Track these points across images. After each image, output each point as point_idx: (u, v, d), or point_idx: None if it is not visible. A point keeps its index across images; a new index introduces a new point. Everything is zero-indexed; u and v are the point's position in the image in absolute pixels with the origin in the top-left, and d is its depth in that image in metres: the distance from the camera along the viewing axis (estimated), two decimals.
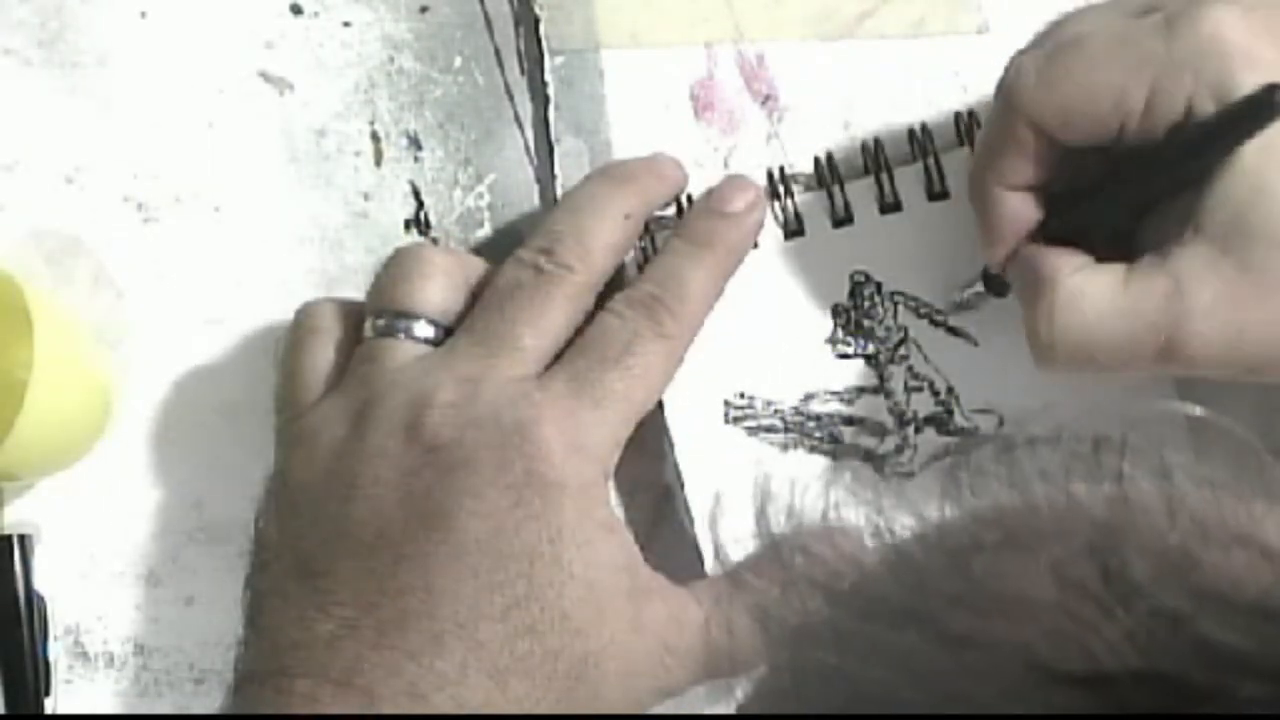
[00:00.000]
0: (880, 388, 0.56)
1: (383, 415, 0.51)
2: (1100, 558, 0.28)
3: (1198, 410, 0.42)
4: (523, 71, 0.59)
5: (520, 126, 0.59)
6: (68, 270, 0.57)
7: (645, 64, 0.59)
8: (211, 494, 0.57)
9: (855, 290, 0.57)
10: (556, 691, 0.50)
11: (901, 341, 0.57)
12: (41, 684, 0.55)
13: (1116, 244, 0.52)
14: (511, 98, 0.59)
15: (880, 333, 0.57)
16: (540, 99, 0.59)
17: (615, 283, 0.55)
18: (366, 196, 0.58)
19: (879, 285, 0.57)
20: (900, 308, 0.57)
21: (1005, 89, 0.52)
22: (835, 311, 0.57)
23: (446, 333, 0.54)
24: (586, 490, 0.51)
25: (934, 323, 0.57)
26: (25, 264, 0.56)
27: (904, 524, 0.31)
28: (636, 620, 0.51)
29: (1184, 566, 0.27)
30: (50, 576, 0.56)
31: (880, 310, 0.57)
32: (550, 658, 0.50)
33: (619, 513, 0.55)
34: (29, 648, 0.55)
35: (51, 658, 0.55)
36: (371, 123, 0.58)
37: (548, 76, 0.59)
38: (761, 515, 0.33)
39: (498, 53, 0.59)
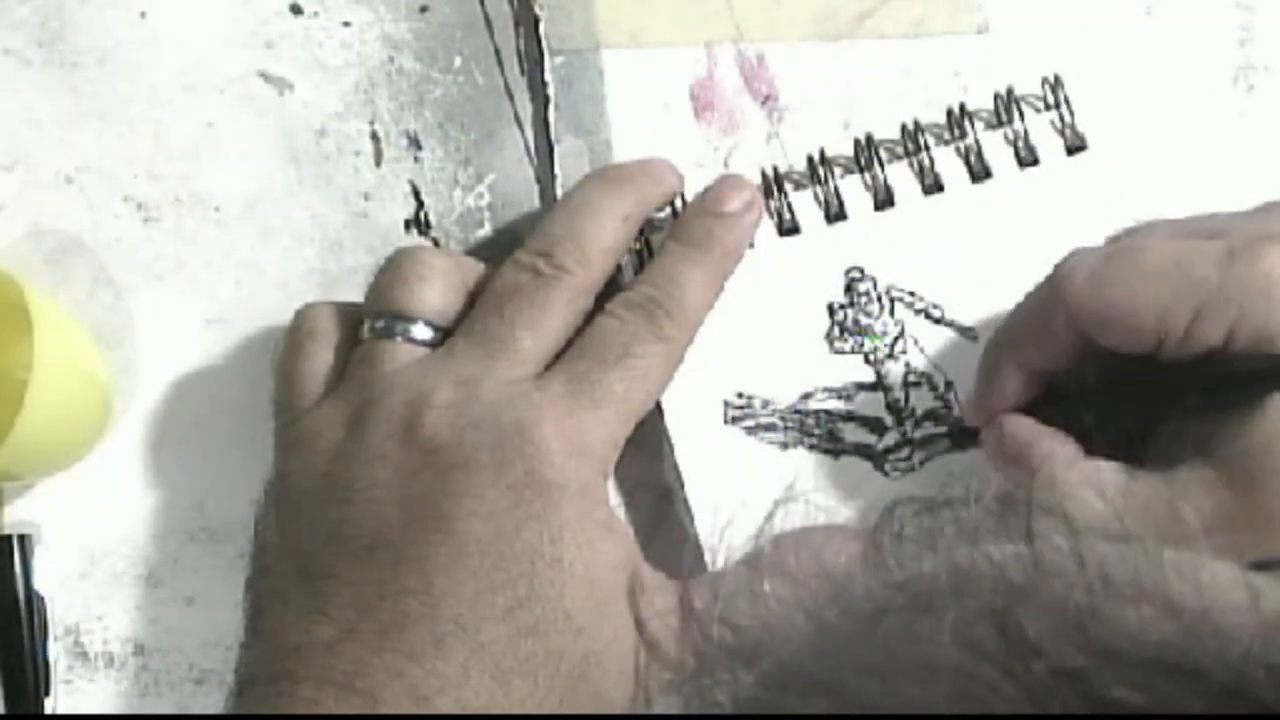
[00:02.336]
0: (878, 384, 0.57)
1: (381, 417, 0.51)
2: (998, 619, 0.28)
3: (1116, 465, 0.43)
4: (523, 71, 0.59)
5: (520, 126, 0.59)
6: (68, 270, 0.57)
7: (645, 64, 0.59)
8: (212, 494, 0.57)
9: (851, 287, 0.57)
10: (559, 692, 0.50)
11: (898, 337, 0.57)
12: (41, 684, 0.55)
13: (1106, 440, 0.52)
14: (511, 98, 0.59)
15: (877, 329, 0.57)
16: (540, 99, 0.59)
17: (611, 285, 0.55)
18: (366, 196, 0.58)
19: (875, 281, 0.57)
20: (897, 304, 0.57)
21: (1056, 280, 0.52)
22: (831, 309, 0.57)
23: (445, 335, 0.54)
24: (586, 490, 0.51)
25: (930, 317, 0.57)
26: (25, 264, 0.56)
27: (826, 592, 0.32)
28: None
29: (1085, 624, 0.28)
30: (50, 576, 0.56)
31: (876, 306, 0.57)
32: (553, 658, 0.50)
33: (619, 513, 0.55)
34: (29, 648, 0.55)
35: (51, 658, 0.55)
36: (371, 123, 0.58)
37: (548, 76, 0.59)
38: (686, 591, 0.33)
39: (498, 53, 0.59)
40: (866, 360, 0.57)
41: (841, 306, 0.57)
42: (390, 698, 0.48)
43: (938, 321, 0.57)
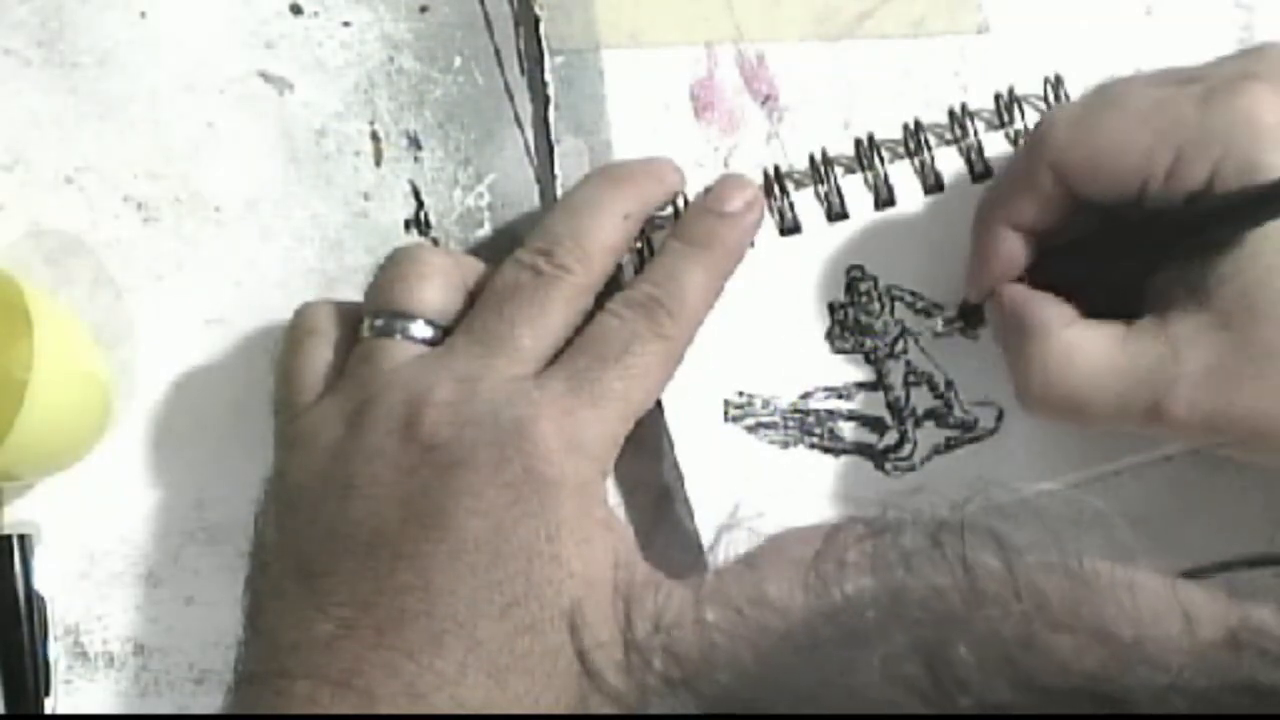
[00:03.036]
0: (879, 383, 0.56)
1: (380, 415, 0.51)
2: (927, 653, 0.28)
3: (1056, 485, 0.42)
4: (523, 71, 0.59)
5: (520, 126, 0.59)
6: (68, 270, 0.57)
7: (645, 64, 0.59)
8: (211, 494, 0.57)
9: (851, 286, 0.57)
10: (556, 689, 0.50)
11: (899, 336, 0.57)
12: (41, 684, 0.55)
13: (1107, 301, 0.52)
14: (511, 98, 0.59)
15: (878, 328, 0.57)
16: (540, 99, 0.59)
17: (613, 283, 0.55)
18: (366, 196, 0.58)
19: (875, 280, 0.57)
20: (897, 303, 0.57)
21: (1036, 132, 0.53)
22: (832, 308, 0.57)
23: (445, 333, 0.54)
24: (585, 488, 0.51)
25: (930, 317, 0.57)
26: (25, 264, 0.56)
27: (766, 620, 0.32)
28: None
29: (1014, 656, 0.28)
30: (50, 576, 0.56)
31: (877, 306, 0.57)
32: (550, 656, 0.49)
33: (618, 512, 0.55)
34: (29, 648, 0.55)
35: (51, 658, 0.55)
36: (371, 123, 0.58)
37: (548, 76, 0.59)
38: (628, 624, 0.33)
39: (498, 53, 0.59)
40: (867, 359, 0.57)
41: (842, 305, 0.57)
42: (387, 695, 0.48)
43: (938, 319, 0.57)
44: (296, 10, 0.59)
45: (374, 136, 0.58)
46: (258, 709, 0.50)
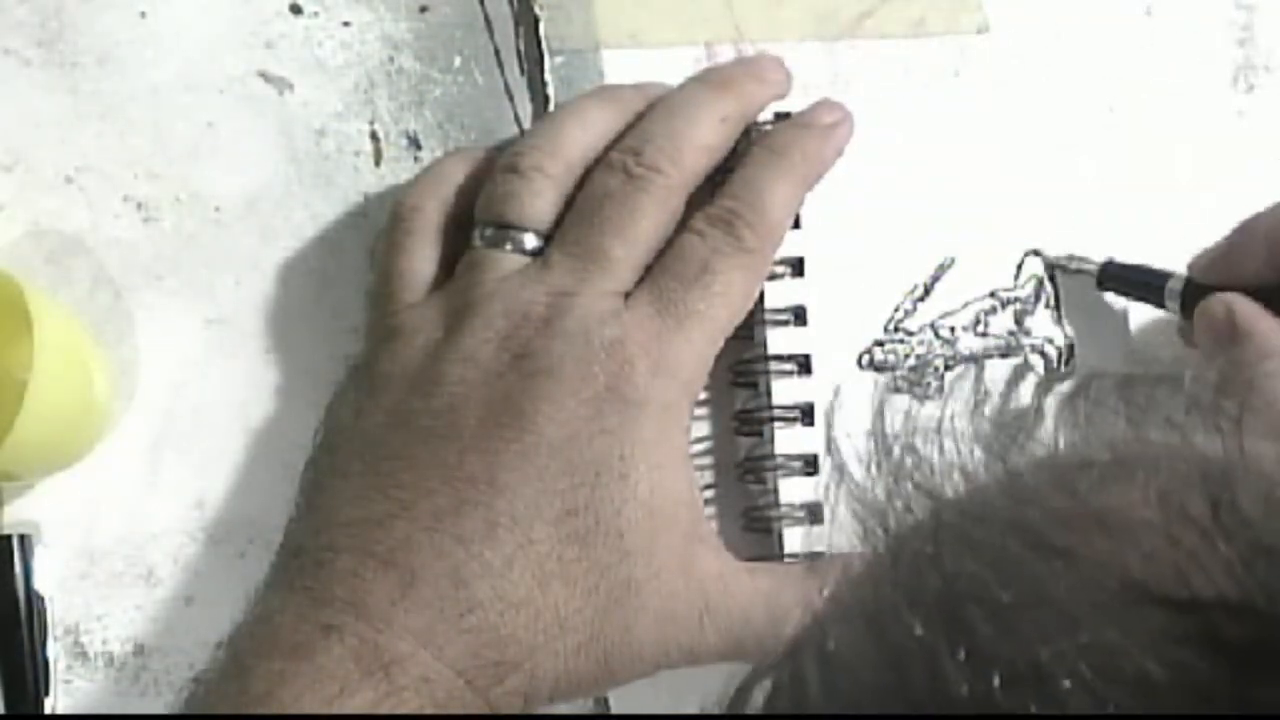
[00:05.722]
0: (975, 362, 0.57)
1: (479, 324, 0.52)
2: (1210, 489, 0.28)
3: None
4: (523, 71, 0.59)
5: (520, 126, 0.59)
6: (67, 270, 0.57)
7: (645, 64, 0.59)
8: (211, 494, 0.57)
9: (873, 361, 0.56)
10: (594, 608, 0.50)
11: (934, 330, 0.57)
12: (41, 684, 0.55)
13: None
14: (511, 98, 0.59)
15: (920, 355, 0.56)
16: (540, 99, 0.59)
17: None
18: (366, 196, 0.58)
19: (878, 344, 0.57)
20: (902, 326, 0.57)
21: None
22: (896, 385, 0.56)
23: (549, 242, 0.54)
24: (667, 411, 0.52)
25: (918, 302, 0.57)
26: (25, 264, 0.56)
27: (1009, 435, 0.32)
28: (687, 564, 0.52)
29: None
30: (50, 576, 0.56)
31: (897, 343, 0.56)
32: (595, 571, 0.50)
33: None
34: (29, 648, 0.55)
35: (51, 658, 0.55)
36: (371, 123, 0.58)
37: (548, 76, 0.59)
38: (878, 415, 0.34)
39: (498, 53, 0.59)
40: (948, 367, 0.56)
41: (891, 377, 0.56)
42: (430, 577, 0.49)
43: (925, 296, 0.57)
44: (296, 10, 0.59)
45: (374, 136, 0.58)
46: (294, 581, 0.50)
